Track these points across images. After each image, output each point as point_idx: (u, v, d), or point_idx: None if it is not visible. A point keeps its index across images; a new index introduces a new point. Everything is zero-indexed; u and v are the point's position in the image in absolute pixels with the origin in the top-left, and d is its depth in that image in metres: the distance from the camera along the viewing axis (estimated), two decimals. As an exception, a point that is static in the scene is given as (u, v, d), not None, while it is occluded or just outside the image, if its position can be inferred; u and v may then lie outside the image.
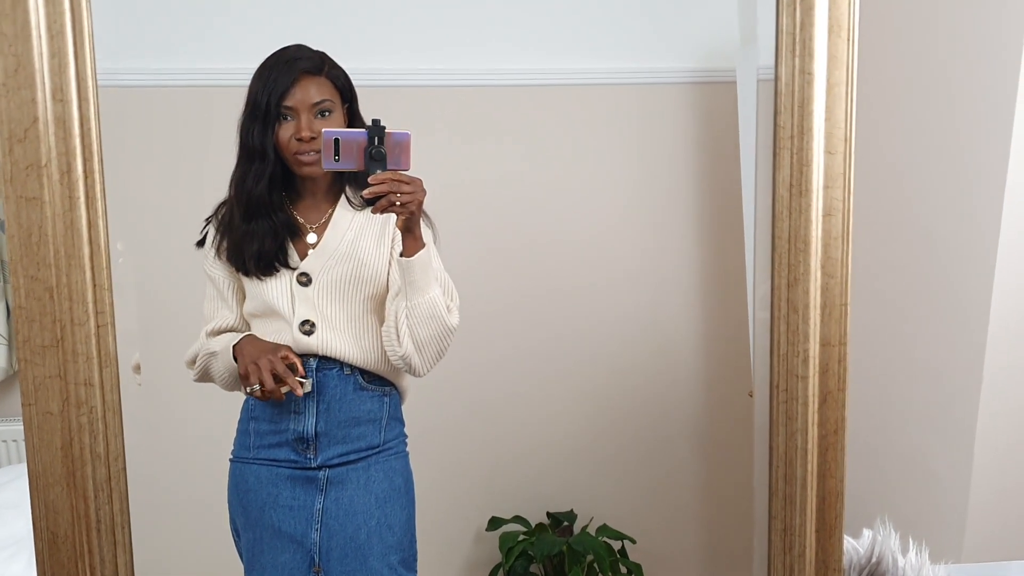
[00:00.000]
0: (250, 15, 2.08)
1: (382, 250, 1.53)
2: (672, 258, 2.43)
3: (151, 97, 2.06)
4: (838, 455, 1.34)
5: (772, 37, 1.28)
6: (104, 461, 1.21)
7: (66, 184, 1.17)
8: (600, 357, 2.40)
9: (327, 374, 1.52)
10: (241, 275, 1.54)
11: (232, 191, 1.54)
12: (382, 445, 1.56)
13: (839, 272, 1.31)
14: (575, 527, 2.37)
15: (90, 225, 1.18)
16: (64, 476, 1.20)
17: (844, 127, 1.29)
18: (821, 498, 1.35)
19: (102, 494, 1.22)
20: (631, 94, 2.36)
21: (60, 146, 1.16)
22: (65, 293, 1.18)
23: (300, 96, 1.47)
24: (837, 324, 1.32)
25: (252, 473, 1.54)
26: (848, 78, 1.28)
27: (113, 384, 1.21)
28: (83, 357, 1.19)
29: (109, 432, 1.21)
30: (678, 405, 2.47)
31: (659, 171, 2.40)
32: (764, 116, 1.29)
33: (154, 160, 2.05)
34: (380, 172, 1.37)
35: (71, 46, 1.15)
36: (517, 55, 2.29)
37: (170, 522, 2.02)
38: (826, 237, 1.30)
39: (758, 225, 1.34)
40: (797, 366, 1.31)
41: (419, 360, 1.49)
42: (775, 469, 1.34)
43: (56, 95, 1.15)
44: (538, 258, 2.34)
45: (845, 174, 1.30)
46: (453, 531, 2.36)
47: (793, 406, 1.32)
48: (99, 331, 1.19)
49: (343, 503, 1.50)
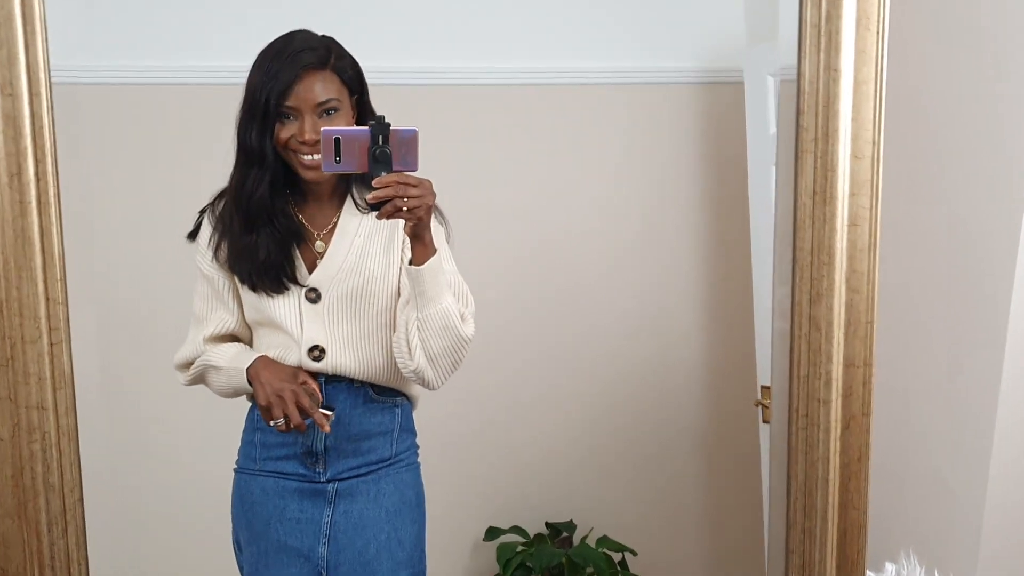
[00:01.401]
0: (241, 8, 1.99)
1: (392, 257, 1.43)
2: (676, 264, 2.38)
3: (115, 95, 1.96)
4: (861, 485, 1.24)
5: (794, 30, 1.17)
6: (59, 492, 1.11)
7: (16, 188, 1.07)
8: (601, 364, 2.35)
9: (336, 387, 1.44)
10: (246, 287, 1.44)
11: (231, 196, 1.42)
12: (393, 457, 1.48)
13: (865, 287, 1.21)
14: (575, 538, 2.32)
15: (43, 233, 1.08)
16: (15, 508, 1.11)
17: (872, 129, 1.19)
18: (842, 531, 1.25)
19: (56, 528, 1.12)
20: (637, 93, 2.31)
21: (9, 145, 1.06)
22: (15, 308, 1.08)
23: (303, 95, 1.34)
24: (862, 343, 1.22)
25: (258, 485, 1.46)
26: (877, 75, 1.18)
27: (68, 406, 1.11)
28: (35, 378, 1.09)
29: (64, 460, 1.11)
30: (681, 414, 2.43)
31: (664, 173, 2.35)
32: (785, 117, 1.18)
33: (117, 162, 1.95)
34: (385, 174, 1.25)
35: (21, 35, 1.04)
36: (522, 54, 2.23)
37: (154, 534, 1.93)
38: (851, 248, 1.20)
39: (777, 235, 1.24)
40: (819, 389, 1.21)
41: (432, 373, 1.39)
42: (794, 500, 1.24)
43: (4, 89, 1.05)
44: (539, 264, 2.29)
45: (872, 180, 1.20)
46: (450, 540, 2.32)
47: (814, 432, 1.22)
48: (52, 349, 1.09)
49: (352, 516, 1.43)
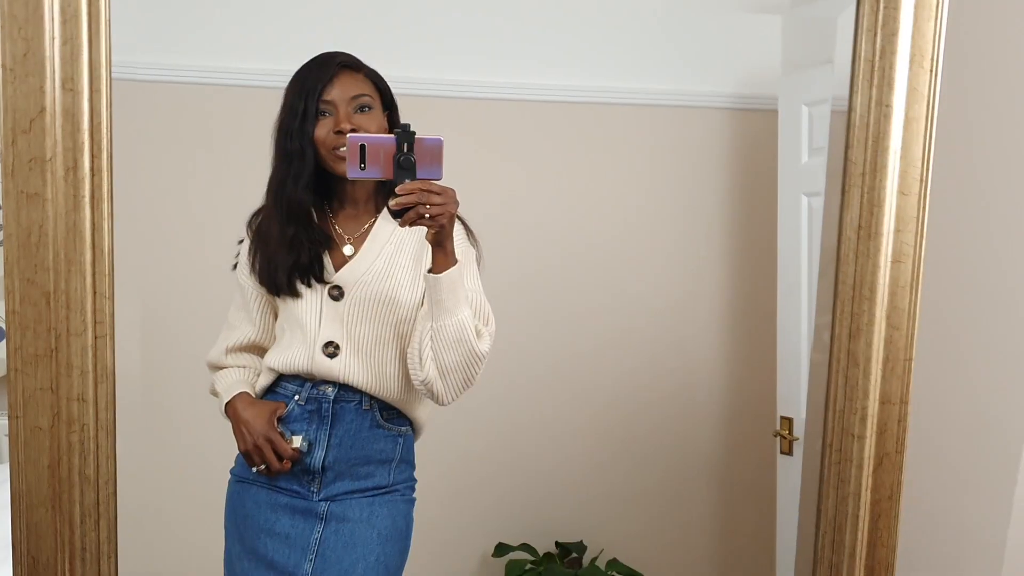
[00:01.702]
0: (280, 15, 2.01)
1: (420, 269, 1.43)
2: (699, 287, 2.38)
3: (167, 93, 1.98)
4: (891, 523, 1.23)
5: (847, 62, 1.17)
6: (93, 484, 1.12)
7: (71, 182, 1.07)
8: (620, 387, 2.34)
9: (344, 407, 1.43)
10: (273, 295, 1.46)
11: (270, 197, 1.44)
12: (390, 486, 1.47)
13: (905, 324, 1.20)
14: (584, 559, 2.30)
15: (94, 227, 1.09)
16: (50, 498, 1.11)
17: (920, 166, 1.18)
18: (870, 569, 1.24)
19: (89, 520, 1.12)
20: (668, 116, 2.31)
21: (67, 140, 1.07)
22: (63, 300, 1.08)
23: (338, 89, 1.39)
24: (900, 381, 1.21)
25: (251, 496, 1.45)
26: (928, 113, 1.18)
27: (108, 401, 1.11)
28: (78, 370, 1.10)
29: (101, 453, 1.11)
30: (698, 440, 2.41)
31: (692, 197, 2.35)
32: (835, 148, 1.18)
33: (167, 160, 1.97)
34: (409, 181, 1.26)
35: (85, 32, 1.06)
36: (553, 72, 2.24)
37: (181, 531, 1.96)
38: (893, 285, 1.20)
39: (822, 268, 1.23)
40: (854, 424, 1.20)
41: (442, 387, 1.38)
42: (822, 535, 1.23)
43: (66, 84, 1.06)
44: (559, 282, 2.29)
45: (919, 217, 1.19)
46: (457, 556, 2.30)
47: (847, 468, 1.22)
48: (96, 343, 1.10)
49: (343, 535, 1.41)
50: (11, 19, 1.04)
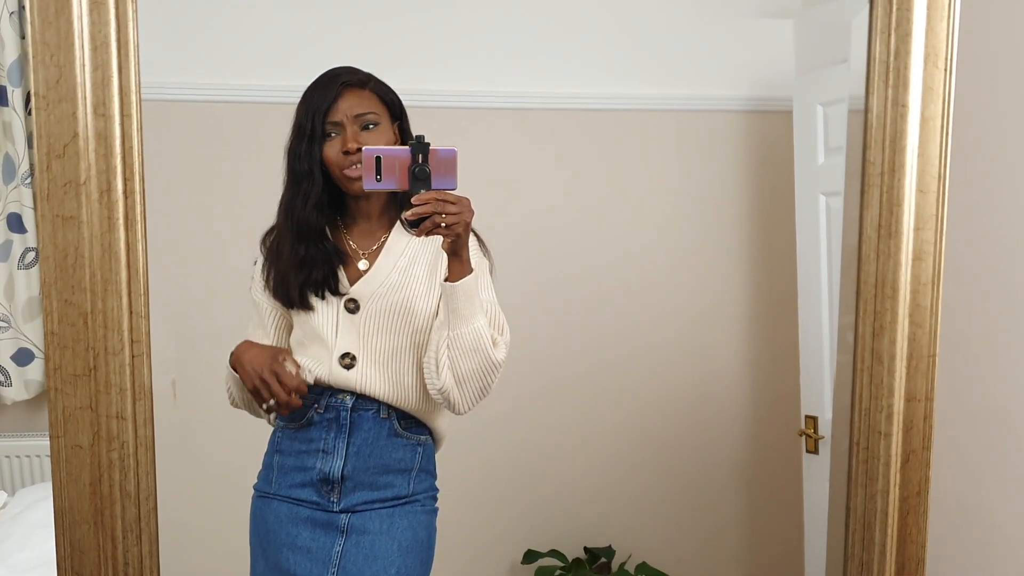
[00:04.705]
0: (299, 32, 2.04)
1: (435, 279, 1.46)
2: (720, 289, 2.39)
3: (193, 113, 2.01)
4: (920, 519, 1.24)
5: (863, 63, 1.18)
6: (134, 500, 1.14)
7: (105, 204, 1.10)
8: (645, 390, 2.36)
9: (362, 415, 1.44)
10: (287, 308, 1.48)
11: (281, 217, 1.47)
12: (410, 496, 1.47)
13: (928, 321, 1.21)
14: (613, 563, 2.31)
15: (128, 248, 1.11)
16: (92, 514, 1.13)
17: (938, 164, 1.19)
18: (900, 565, 1.25)
19: (131, 535, 1.14)
20: (684, 120, 2.33)
21: (100, 163, 1.09)
22: (100, 320, 1.11)
23: (343, 109, 1.41)
24: (924, 377, 1.22)
25: (272, 511, 1.47)
26: (944, 111, 1.19)
27: (147, 418, 1.13)
28: (116, 388, 1.12)
29: (140, 469, 1.13)
30: (723, 442, 2.42)
31: (711, 200, 2.37)
32: (853, 149, 1.19)
33: (195, 178, 2.00)
34: (424, 192, 1.29)
35: (115, 59, 1.08)
36: (569, 80, 2.26)
37: (215, 548, 1.97)
38: (915, 283, 1.21)
39: (844, 267, 1.25)
40: (880, 422, 1.21)
41: (458, 395, 1.39)
42: (852, 533, 1.24)
43: (98, 109, 1.08)
44: (581, 288, 2.31)
45: (938, 215, 1.20)
46: (487, 563, 2.32)
47: (874, 465, 1.22)
48: (133, 361, 1.12)
49: (364, 547, 1.42)
50: (43, 46, 1.07)
